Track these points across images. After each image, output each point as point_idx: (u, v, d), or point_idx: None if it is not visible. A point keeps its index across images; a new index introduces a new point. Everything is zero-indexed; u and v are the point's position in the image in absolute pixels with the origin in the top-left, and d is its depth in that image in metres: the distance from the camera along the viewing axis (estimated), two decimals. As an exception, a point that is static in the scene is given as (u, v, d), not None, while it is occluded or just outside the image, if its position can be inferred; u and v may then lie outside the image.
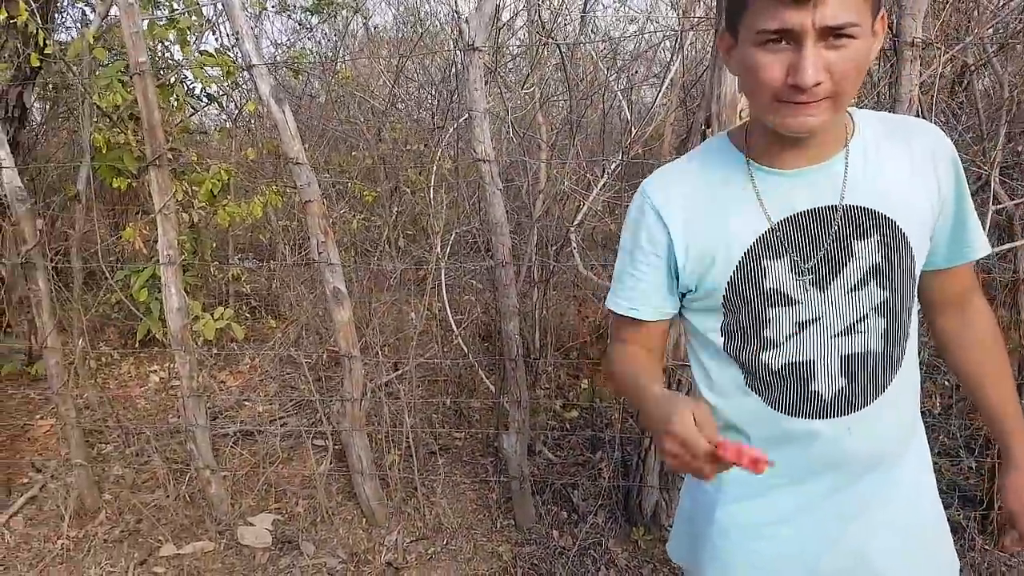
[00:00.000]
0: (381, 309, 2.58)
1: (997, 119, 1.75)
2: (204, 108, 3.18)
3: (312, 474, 2.03)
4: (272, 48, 3.88)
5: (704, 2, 2.32)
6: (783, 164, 0.69)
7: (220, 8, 2.57)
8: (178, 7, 2.46)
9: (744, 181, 0.70)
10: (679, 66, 2.22)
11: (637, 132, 2.03)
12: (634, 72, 3.07)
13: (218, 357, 2.95)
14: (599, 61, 2.82)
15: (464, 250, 3.00)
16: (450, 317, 2.23)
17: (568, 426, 2.39)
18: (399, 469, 1.98)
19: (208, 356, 2.84)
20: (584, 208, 1.98)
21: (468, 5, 1.53)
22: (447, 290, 2.32)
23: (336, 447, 2.09)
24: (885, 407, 0.71)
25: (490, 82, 2.54)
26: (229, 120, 3.53)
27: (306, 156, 1.69)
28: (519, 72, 3.36)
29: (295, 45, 3.93)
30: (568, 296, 2.89)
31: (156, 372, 2.92)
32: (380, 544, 1.83)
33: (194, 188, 2.51)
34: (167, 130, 1.98)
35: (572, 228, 1.97)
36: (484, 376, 2.31)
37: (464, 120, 2.25)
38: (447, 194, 2.49)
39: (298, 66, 3.38)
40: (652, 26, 3.28)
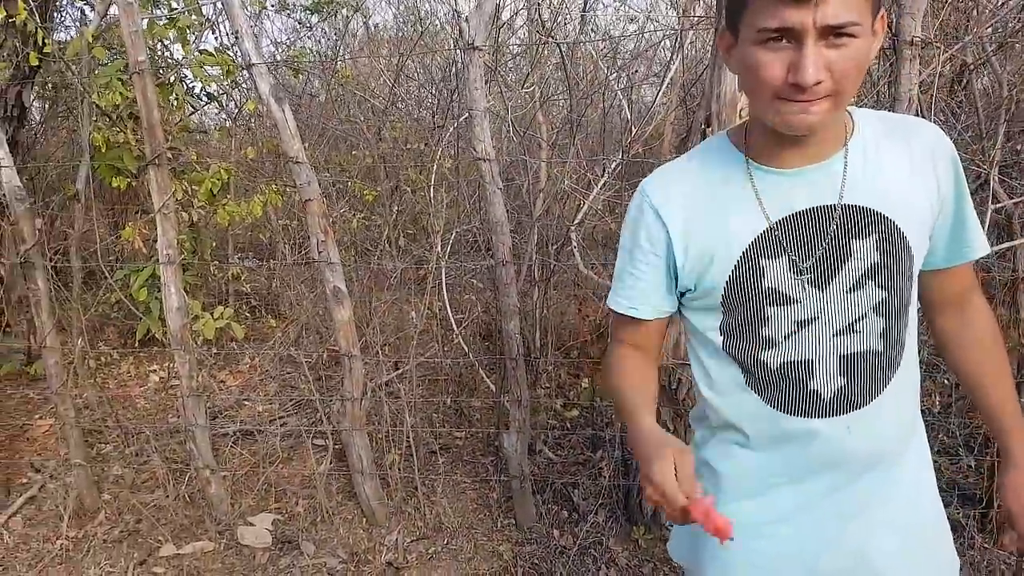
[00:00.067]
0: (381, 308, 2.58)
1: (996, 118, 1.75)
2: (204, 107, 3.18)
3: (312, 474, 2.03)
4: (272, 47, 3.87)
5: (704, 1, 2.32)
6: (782, 163, 0.69)
7: (219, 7, 2.56)
8: (177, 6, 2.46)
9: (743, 180, 0.70)
10: (679, 65, 2.22)
11: (637, 131, 2.03)
12: (634, 71, 3.07)
13: (218, 356, 2.95)
14: (599, 60, 2.82)
15: (464, 249, 2.99)
16: (450, 316, 2.23)
17: (569, 425, 2.39)
18: (399, 468, 1.98)
19: (208, 355, 2.84)
20: (584, 207, 1.98)
21: (468, 4, 1.53)
22: (447, 289, 2.31)
23: (336, 447, 2.09)
24: (884, 406, 0.71)
25: (490, 81, 2.54)
26: (229, 119, 3.52)
27: (306, 155, 1.69)
28: (519, 71, 3.36)
29: (295, 44, 3.93)
30: (569, 295, 2.89)
31: (156, 372, 2.92)
32: (380, 544, 1.83)
33: (194, 187, 2.50)
34: (166, 129, 1.98)
35: (572, 227, 1.97)
36: (485, 375, 2.31)
37: (464, 119, 2.25)
38: (447, 193, 2.49)
39: (298, 65, 3.37)
40: (652, 25, 3.28)
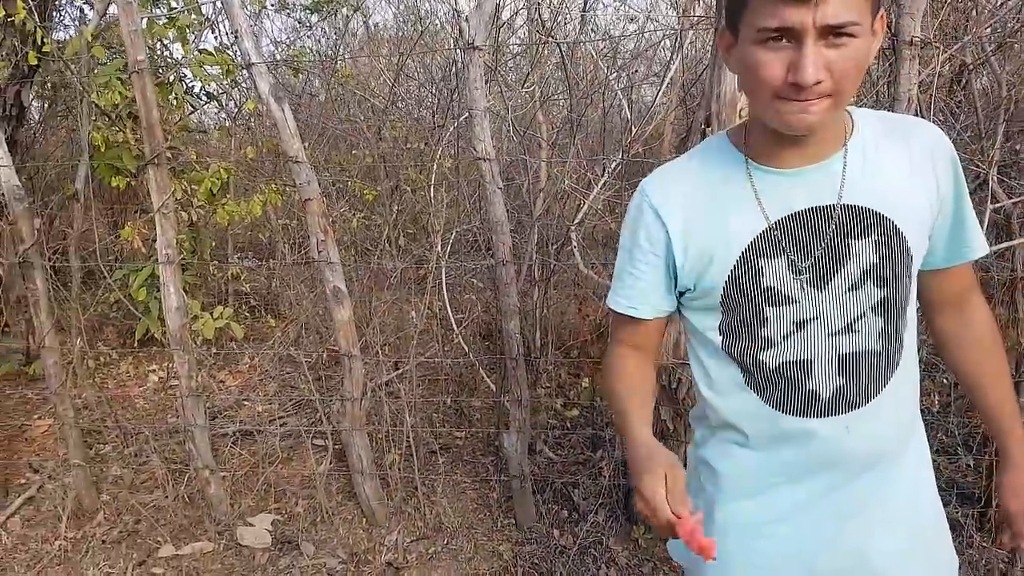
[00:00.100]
0: (381, 308, 2.58)
1: (995, 118, 1.75)
2: (203, 106, 3.17)
3: (312, 474, 2.03)
4: (272, 46, 3.87)
5: (704, 1, 2.32)
6: (782, 163, 0.69)
7: (219, 6, 2.56)
8: (177, 5, 2.46)
9: (743, 180, 0.70)
10: (679, 65, 2.22)
11: (637, 131, 2.03)
12: (634, 71, 3.07)
13: (217, 356, 2.94)
14: (599, 60, 2.82)
15: (465, 249, 2.99)
16: (451, 316, 2.23)
17: (569, 425, 2.39)
18: (399, 468, 1.98)
19: (207, 355, 2.84)
20: (584, 207, 1.98)
21: (468, 3, 1.53)
22: (448, 289, 2.31)
23: (336, 447, 2.09)
24: (883, 406, 0.71)
25: (490, 81, 2.53)
26: (228, 118, 3.52)
27: (306, 154, 1.68)
28: (519, 71, 3.36)
29: (295, 43, 3.92)
30: (569, 295, 2.89)
31: (155, 372, 2.91)
32: (380, 544, 1.83)
33: (193, 187, 2.50)
34: (166, 128, 1.98)
35: (572, 227, 1.97)
36: (485, 375, 2.31)
37: (464, 119, 2.25)
38: (447, 193, 2.49)
39: (298, 64, 3.37)
40: (652, 25, 3.28)
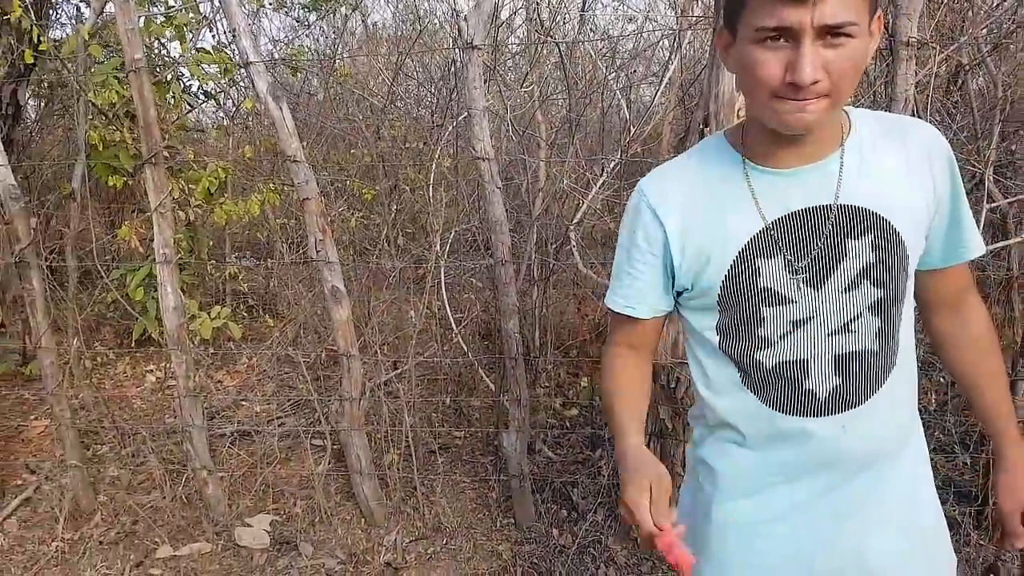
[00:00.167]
0: (380, 308, 2.58)
1: (991, 118, 1.76)
2: (201, 105, 3.16)
3: (310, 474, 2.02)
4: (270, 45, 3.86)
5: (702, 1, 2.32)
6: (778, 163, 0.69)
7: (217, 4, 2.55)
8: (175, 3, 2.45)
9: (740, 180, 0.70)
10: (677, 65, 2.22)
11: (636, 131, 2.03)
12: (633, 71, 3.07)
13: (215, 356, 2.94)
14: (598, 60, 2.82)
15: (463, 248, 2.99)
16: (450, 315, 2.23)
17: (568, 424, 2.39)
18: (398, 468, 1.97)
19: (205, 355, 2.83)
20: (583, 206, 1.98)
21: (467, 3, 1.53)
22: (446, 288, 2.31)
23: (335, 447, 2.08)
24: (880, 406, 0.71)
25: (489, 80, 2.53)
26: (226, 117, 3.51)
27: (304, 154, 1.68)
28: (518, 70, 3.36)
29: (293, 42, 3.91)
30: (568, 294, 2.89)
31: (152, 372, 2.91)
32: (379, 544, 1.83)
33: (191, 186, 2.50)
34: (163, 127, 1.97)
35: (571, 226, 1.97)
36: (484, 374, 2.31)
37: (463, 118, 2.25)
38: (446, 192, 2.49)
39: (296, 63, 3.36)
40: (651, 25, 3.28)
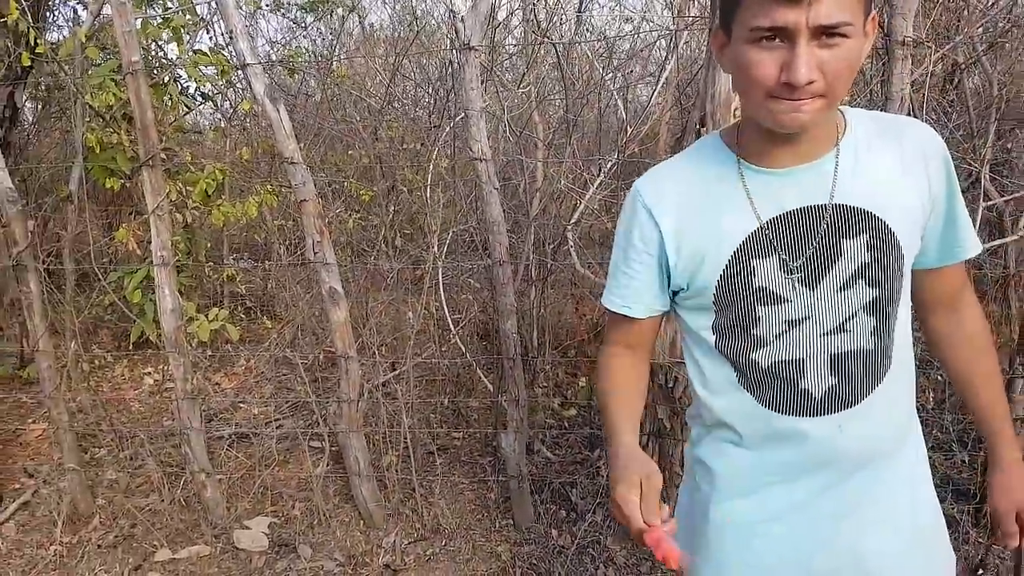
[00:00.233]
0: (378, 309, 2.58)
1: (987, 117, 1.77)
2: (198, 107, 3.16)
3: (309, 476, 2.02)
4: (267, 46, 3.85)
5: (699, 2, 2.33)
6: (773, 163, 0.69)
7: (214, 6, 2.55)
8: (172, 5, 2.45)
9: (735, 180, 0.70)
10: (674, 65, 2.23)
11: (633, 131, 2.04)
12: (630, 71, 3.08)
13: (213, 359, 2.93)
14: (595, 60, 2.82)
15: (461, 249, 2.99)
16: (448, 316, 2.23)
17: (566, 424, 2.39)
18: (397, 470, 1.97)
19: (203, 358, 2.82)
20: (581, 207, 1.99)
21: (464, 4, 1.53)
22: (444, 289, 2.31)
23: (333, 449, 2.08)
24: (875, 405, 0.71)
25: (486, 81, 2.54)
26: (224, 119, 3.51)
27: (301, 155, 1.68)
28: (515, 71, 3.36)
29: (290, 43, 3.91)
30: (565, 294, 2.89)
31: (150, 375, 2.90)
32: (378, 546, 1.83)
33: (188, 188, 2.49)
34: (161, 130, 1.97)
35: (569, 226, 1.97)
36: (482, 375, 2.31)
37: (460, 119, 2.25)
38: (444, 193, 2.49)
39: (293, 65, 3.36)
40: (647, 25, 3.29)
